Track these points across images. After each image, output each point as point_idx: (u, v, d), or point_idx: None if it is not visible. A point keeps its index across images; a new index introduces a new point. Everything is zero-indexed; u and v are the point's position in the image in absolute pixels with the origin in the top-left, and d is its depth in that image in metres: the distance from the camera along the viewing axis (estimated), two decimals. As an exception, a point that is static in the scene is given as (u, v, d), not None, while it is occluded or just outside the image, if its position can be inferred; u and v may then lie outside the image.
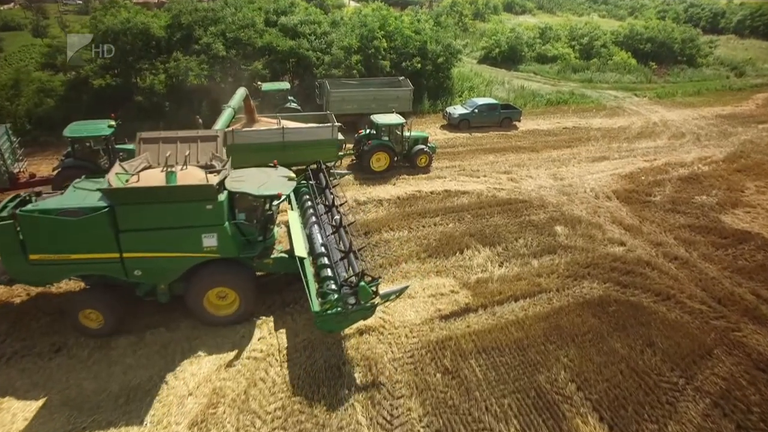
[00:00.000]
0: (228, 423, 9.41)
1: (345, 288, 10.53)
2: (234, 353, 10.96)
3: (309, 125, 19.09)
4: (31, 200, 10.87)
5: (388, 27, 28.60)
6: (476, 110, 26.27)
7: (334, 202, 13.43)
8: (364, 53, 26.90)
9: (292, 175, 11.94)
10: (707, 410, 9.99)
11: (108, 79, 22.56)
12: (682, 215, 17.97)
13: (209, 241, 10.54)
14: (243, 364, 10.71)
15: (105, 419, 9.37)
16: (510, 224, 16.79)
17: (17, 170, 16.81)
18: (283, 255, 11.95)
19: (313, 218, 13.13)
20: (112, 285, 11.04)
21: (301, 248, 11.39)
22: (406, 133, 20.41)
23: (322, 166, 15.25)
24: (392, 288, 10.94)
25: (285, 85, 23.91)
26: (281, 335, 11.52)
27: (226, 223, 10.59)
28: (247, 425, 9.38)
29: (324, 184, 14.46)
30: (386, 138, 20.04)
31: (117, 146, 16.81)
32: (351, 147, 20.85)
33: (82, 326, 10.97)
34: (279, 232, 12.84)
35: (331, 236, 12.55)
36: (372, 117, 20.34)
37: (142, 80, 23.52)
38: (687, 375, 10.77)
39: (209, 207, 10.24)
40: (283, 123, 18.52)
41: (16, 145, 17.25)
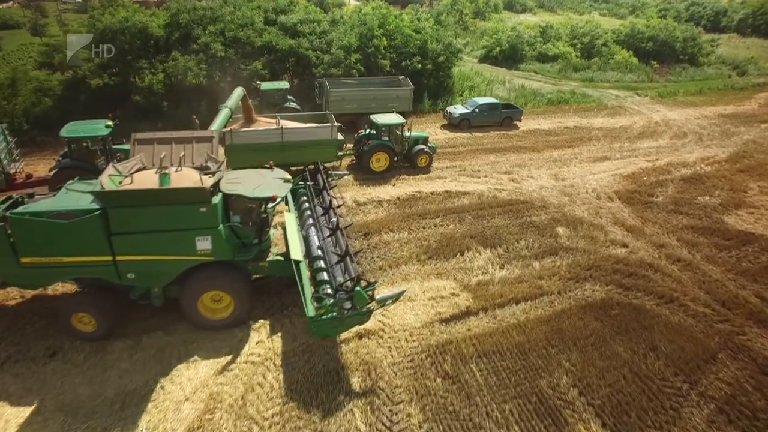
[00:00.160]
0: (225, 429, 9.25)
1: (340, 293, 10.35)
2: (231, 357, 10.80)
3: (308, 125, 18.92)
4: (24, 202, 10.71)
5: (387, 26, 28.41)
6: (477, 110, 26.10)
7: (331, 203, 13.27)
8: (364, 52, 26.72)
9: (288, 176, 11.76)
10: (712, 416, 9.84)
11: (106, 78, 22.38)
12: (685, 216, 17.81)
13: (203, 244, 10.37)
14: (240, 369, 10.54)
15: (100, 425, 9.21)
16: (511, 225, 16.63)
17: (13, 171, 16.65)
18: (279, 258, 11.78)
19: (311, 220, 12.95)
20: (106, 288, 10.88)
21: (297, 251, 11.20)
22: (406, 133, 20.23)
23: (320, 166, 15.08)
24: (389, 293, 10.75)
25: (284, 84, 23.74)
26: (279, 339, 11.35)
27: (220, 226, 10.42)
28: (244, 431, 9.24)
29: (321, 185, 14.28)
30: (386, 138, 19.86)
31: (114, 146, 16.67)
32: (351, 147, 20.69)
33: (75, 330, 10.81)
34: (275, 234, 12.67)
35: (329, 239, 12.38)
36: (372, 117, 20.17)
37: (141, 80, 23.35)
38: (691, 380, 10.61)
39: (203, 210, 10.07)
40: (282, 123, 18.35)
41: (13, 146, 17.08)
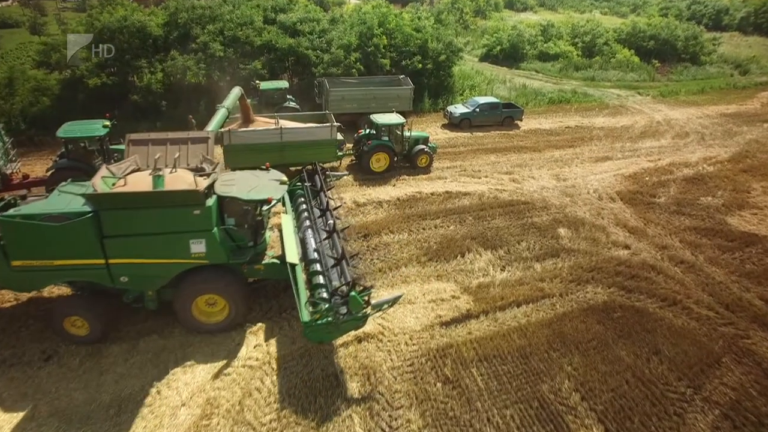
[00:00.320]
0: (222, 435, 9.13)
1: (336, 297, 10.19)
2: (229, 361, 10.65)
3: (308, 125, 18.75)
4: (16, 204, 10.55)
5: (387, 24, 28.22)
6: (478, 109, 25.92)
7: (328, 205, 13.08)
8: (364, 51, 26.54)
9: (284, 178, 11.58)
10: (717, 422, 9.70)
11: (104, 78, 22.19)
12: (688, 217, 17.65)
13: (197, 247, 10.21)
14: (238, 373, 10.40)
15: (94, 431, 9.08)
16: (512, 226, 16.47)
17: (10, 171, 16.48)
18: (275, 261, 11.58)
19: (308, 222, 12.75)
20: (99, 291, 10.72)
21: (292, 254, 10.99)
22: (407, 133, 20.07)
23: (318, 167, 14.91)
24: (385, 297, 10.57)
25: (284, 83, 23.59)
26: (277, 342, 11.21)
27: (214, 229, 10.27)
28: (241, 438, 9.11)
29: (319, 186, 14.08)
30: (386, 138, 19.70)
31: (112, 147, 16.53)
32: (350, 147, 20.53)
33: (68, 334, 10.67)
34: (271, 236, 12.50)
35: (326, 241, 12.20)
36: (371, 117, 20.00)
37: (139, 79, 23.20)
38: (695, 385, 10.47)
39: (197, 212, 9.91)
40: (281, 123, 18.18)
41: (9, 146, 16.92)
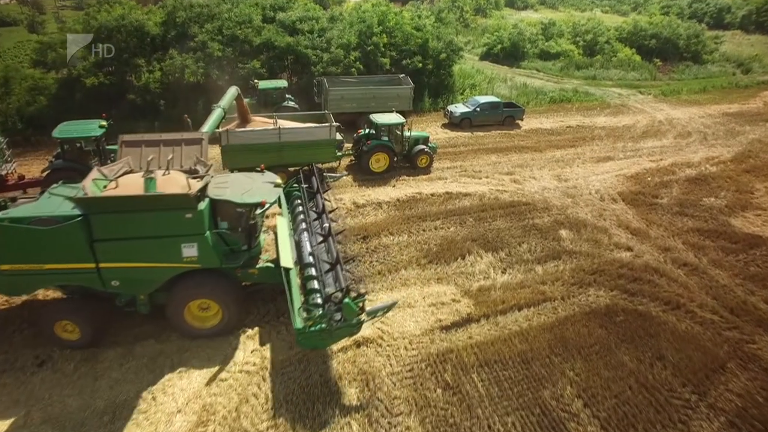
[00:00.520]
0: (218, 443, 8.97)
1: (329, 304, 9.99)
2: (225, 366, 10.47)
3: (306, 125, 18.54)
4: (6, 206, 10.37)
5: (387, 23, 28.00)
6: (478, 109, 25.71)
7: (324, 208, 12.88)
8: (363, 50, 26.33)
9: (279, 181, 11.37)
10: (722, 430, 9.50)
11: (101, 77, 21.99)
12: (690, 218, 17.46)
13: (189, 251, 10.02)
14: (235, 379, 10.22)
15: (88, 439, 8.94)
16: (513, 228, 16.29)
17: (5, 172, 16.32)
18: (269, 265, 11.36)
19: (303, 225, 12.48)
20: (91, 295, 10.54)
21: (287, 258, 10.75)
22: (406, 133, 19.88)
23: (315, 169, 14.69)
24: (379, 305, 10.36)
25: (282, 83, 23.40)
26: (275, 347, 11.02)
27: (207, 233, 10.07)
28: (237, 445, 8.95)
29: (315, 188, 13.87)
30: (386, 138, 19.50)
31: (108, 147, 16.34)
32: (350, 147, 20.33)
33: (58, 338, 10.49)
34: (266, 239, 12.30)
35: (321, 245, 11.98)
36: (371, 116, 19.81)
37: (137, 78, 23.00)
38: (699, 391, 10.28)
39: (189, 216, 9.72)
40: (279, 123, 17.98)
41: (4, 146, 16.75)
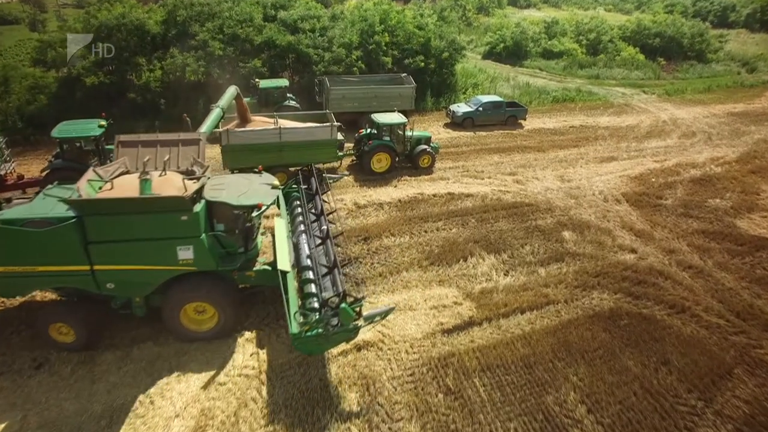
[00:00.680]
0: (216, 449, 8.85)
1: (326, 308, 9.83)
2: (224, 370, 10.35)
3: (307, 125, 18.40)
4: (0, 207, 10.26)
5: (389, 21, 27.81)
6: (481, 108, 25.52)
7: (322, 210, 12.72)
8: (365, 49, 26.15)
9: (276, 182, 11.22)
10: (729, 437, 9.37)
11: (101, 76, 21.87)
12: (695, 220, 17.26)
13: (185, 253, 9.89)
14: (234, 382, 10.10)
15: (85, 444, 8.83)
16: (516, 229, 16.12)
17: (4, 172, 16.22)
18: (267, 267, 11.20)
19: (302, 226, 12.28)
20: (86, 297, 10.42)
21: (284, 261, 10.56)
22: (408, 133, 19.72)
23: (314, 169, 14.53)
24: (377, 310, 10.21)
25: (283, 82, 23.25)
26: (274, 350, 10.90)
27: (202, 235, 9.93)
28: (236, 451, 8.83)
29: (314, 189, 13.69)
30: (387, 138, 19.35)
31: (108, 147, 16.22)
32: (351, 147, 20.17)
33: (53, 341, 10.39)
34: (264, 241, 12.14)
35: (319, 247, 11.81)
36: (373, 116, 19.65)
37: (137, 77, 22.88)
38: (706, 397, 10.11)
39: (184, 218, 9.58)
40: (280, 123, 17.83)
41: (3, 145, 16.65)
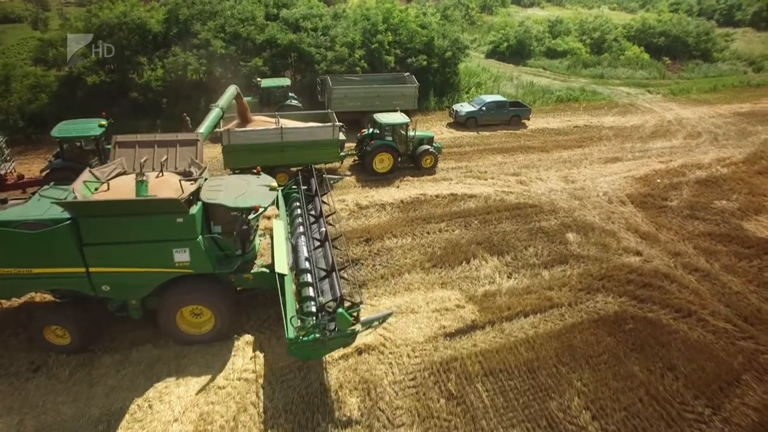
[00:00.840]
0: (214, 454, 8.73)
1: (323, 313, 9.67)
2: (224, 374, 10.22)
3: (309, 124, 18.26)
4: None
5: (392, 20, 27.62)
6: (484, 108, 25.31)
7: (321, 211, 12.58)
8: (368, 48, 25.97)
9: (274, 184, 11.06)
10: (737, 446, 9.20)
11: (102, 75, 21.77)
12: (701, 222, 17.03)
13: (181, 256, 9.75)
14: (233, 386, 9.97)
15: (82, 449, 8.72)
16: (519, 231, 15.93)
17: (4, 171, 16.14)
18: (264, 270, 11.03)
19: (301, 228, 12.12)
20: (82, 299, 10.30)
21: (282, 264, 10.38)
22: (411, 133, 19.55)
23: (313, 170, 14.37)
24: (374, 315, 10.04)
25: (285, 81, 23.09)
26: (274, 354, 10.76)
27: (199, 238, 9.79)
28: (234, 457, 8.71)
29: (314, 190, 13.51)
30: (390, 138, 19.18)
31: (108, 147, 16.08)
32: (353, 147, 20.00)
33: (47, 343, 10.30)
34: (263, 242, 11.99)
35: (318, 250, 11.66)
36: (375, 116, 19.47)
37: (139, 76, 22.77)
38: (713, 404, 9.93)
39: (180, 220, 9.44)
40: (281, 122, 17.69)
41: (3, 145, 16.56)
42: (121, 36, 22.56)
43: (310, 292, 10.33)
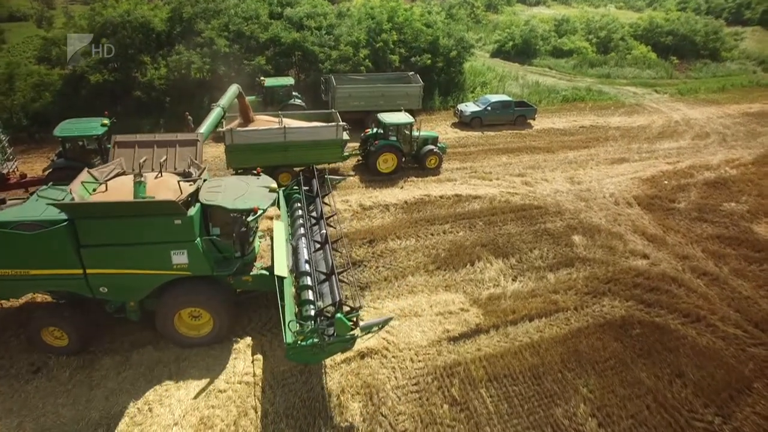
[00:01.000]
0: (214, 459, 8.62)
1: (322, 318, 9.53)
2: (224, 377, 10.11)
3: (312, 124, 18.12)
4: None
5: (397, 19, 27.43)
6: (489, 108, 25.08)
7: (322, 213, 12.43)
8: (372, 47, 25.80)
9: (274, 185, 10.92)
10: (748, 456, 8.99)
11: (106, 74, 21.72)
12: (710, 224, 16.77)
13: (179, 258, 9.63)
14: (234, 390, 9.86)
15: (81, 453, 8.63)
16: (524, 233, 15.74)
17: (6, 170, 16.08)
18: (264, 272, 10.89)
19: (302, 230, 11.94)
20: (80, 301, 10.22)
21: (281, 266, 10.23)
22: (415, 133, 19.37)
23: (315, 171, 14.23)
24: (374, 320, 9.83)
25: (289, 80, 22.98)
26: (276, 357, 10.64)
27: (197, 240, 9.67)
28: (234, 462, 8.59)
29: (315, 191, 13.35)
30: (394, 138, 19.01)
31: (110, 146, 16.02)
32: (357, 147, 19.84)
33: (45, 344, 10.22)
34: (263, 244, 11.85)
35: (318, 252, 11.52)
36: (379, 115, 19.31)
37: (142, 75, 22.70)
38: (724, 413, 9.72)
39: (178, 222, 9.32)
40: (285, 122, 17.56)
41: (6, 144, 16.52)
42: (124, 34, 22.50)
43: (310, 295, 10.18)
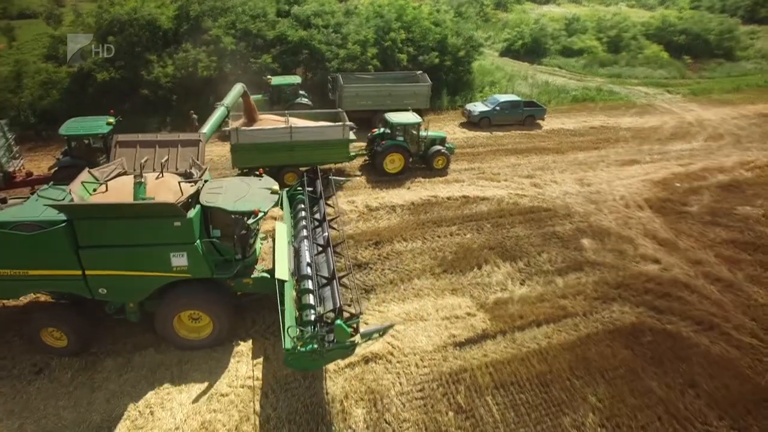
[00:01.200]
0: (215, 466, 8.49)
1: (321, 324, 9.35)
2: (227, 381, 9.99)
3: (319, 124, 17.97)
4: None
5: (405, 17, 27.18)
6: (498, 107, 24.78)
7: (324, 215, 12.23)
8: (380, 46, 25.58)
9: (276, 187, 10.76)
10: (764, 472, 8.71)
11: (113, 72, 21.71)
12: (724, 229, 16.39)
13: (179, 260, 9.51)
14: (236, 394, 9.74)
15: (81, 456, 8.55)
16: (533, 236, 15.47)
17: (12, 169, 16.09)
18: (265, 275, 10.74)
19: (304, 232, 11.75)
20: (80, 301, 10.13)
21: (283, 269, 10.06)
22: (423, 133, 19.15)
23: (319, 171, 14.06)
24: (374, 327, 9.69)
25: (296, 79, 22.84)
26: (279, 361, 10.44)
27: (197, 242, 9.54)
28: (235, 469, 8.46)
29: (318, 192, 13.14)
30: (401, 138, 18.80)
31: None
32: (364, 147, 19.64)
33: (44, 345, 10.15)
34: (264, 246, 11.70)
35: (320, 255, 11.34)
36: (386, 115, 19.11)
37: (149, 73, 22.66)
38: (740, 426, 9.42)
39: (177, 224, 9.19)
40: (291, 121, 17.41)
41: (12, 142, 16.53)
42: (131, 32, 22.48)
43: (310, 299, 10.01)
